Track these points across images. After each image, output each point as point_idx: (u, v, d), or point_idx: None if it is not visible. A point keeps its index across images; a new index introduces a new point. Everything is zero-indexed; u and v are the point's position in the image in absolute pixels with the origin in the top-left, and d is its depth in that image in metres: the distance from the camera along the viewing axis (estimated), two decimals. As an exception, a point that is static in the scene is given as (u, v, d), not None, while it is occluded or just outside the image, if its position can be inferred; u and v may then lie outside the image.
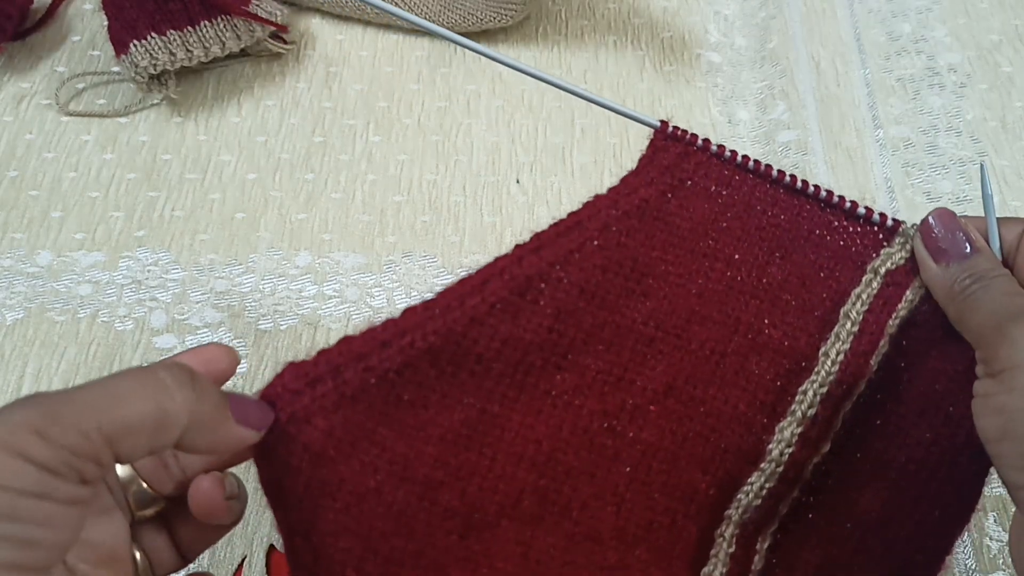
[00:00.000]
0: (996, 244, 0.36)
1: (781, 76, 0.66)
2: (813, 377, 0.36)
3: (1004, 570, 0.47)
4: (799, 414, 0.36)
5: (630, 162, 0.65)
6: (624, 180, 0.37)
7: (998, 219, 0.37)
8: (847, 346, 0.36)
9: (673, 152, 0.38)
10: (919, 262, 0.37)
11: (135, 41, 0.60)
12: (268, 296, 0.55)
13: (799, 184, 0.38)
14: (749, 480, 0.36)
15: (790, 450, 0.36)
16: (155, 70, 0.60)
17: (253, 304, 0.55)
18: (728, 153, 0.38)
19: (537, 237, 0.35)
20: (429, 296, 0.33)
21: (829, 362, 0.36)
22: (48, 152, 0.61)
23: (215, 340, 0.53)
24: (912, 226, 0.38)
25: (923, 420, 0.36)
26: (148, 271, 0.56)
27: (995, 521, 0.49)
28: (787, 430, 0.36)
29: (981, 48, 0.69)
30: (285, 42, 0.66)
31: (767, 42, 0.68)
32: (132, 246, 0.57)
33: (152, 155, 0.61)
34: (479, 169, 0.61)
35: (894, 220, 0.38)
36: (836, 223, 0.38)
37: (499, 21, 0.66)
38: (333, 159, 0.62)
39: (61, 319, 0.54)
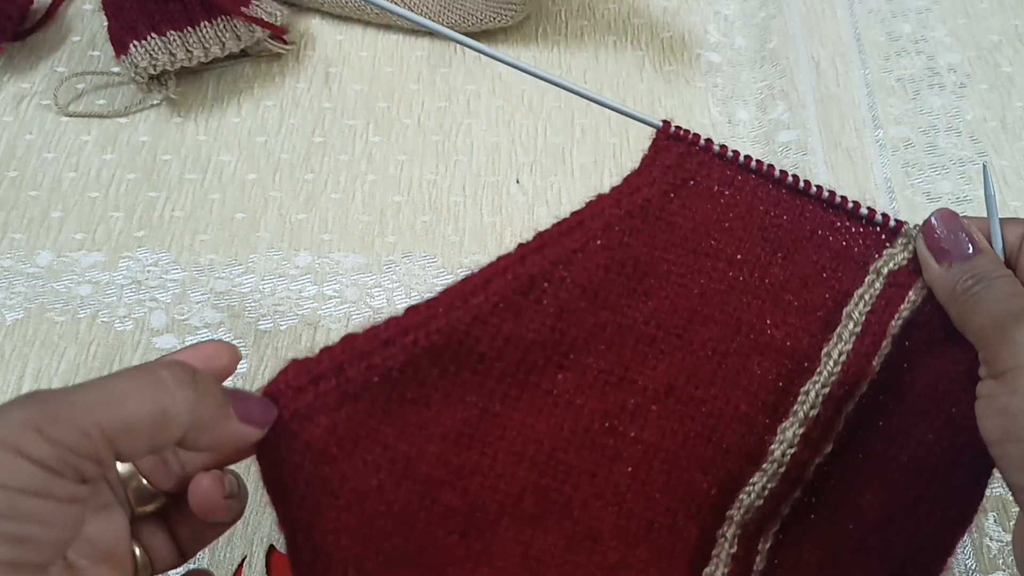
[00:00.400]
0: (999, 245, 0.36)
1: (781, 76, 0.66)
2: (815, 378, 0.36)
3: (1004, 570, 0.47)
4: (801, 414, 0.36)
5: (630, 162, 0.65)
6: (627, 180, 0.37)
7: (1000, 219, 0.37)
8: (849, 346, 0.36)
9: (675, 152, 0.38)
10: (921, 262, 0.37)
11: (135, 41, 0.60)
12: (268, 296, 0.55)
13: (801, 184, 0.38)
14: (751, 480, 0.36)
15: (792, 450, 0.36)
16: (155, 70, 0.60)
17: (253, 304, 0.55)
18: (730, 153, 0.38)
19: (540, 236, 0.35)
20: (431, 295, 0.33)
21: (831, 362, 0.36)
22: (48, 152, 0.61)
23: (215, 340, 0.53)
24: (914, 227, 0.37)
25: (925, 421, 0.36)
26: (148, 271, 0.56)
27: (995, 521, 0.49)
28: (789, 430, 0.36)
29: (981, 48, 0.69)
30: (285, 42, 0.66)
31: (767, 42, 0.68)
32: (132, 246, 0.57)
33: (152, 155, 0.61)
34: (479, 169, 0.61)
35: (896, 221, 0.38)
36: (838, 223, 0.38)
37: (499, 21, 0.66)
38: (333, 159, 0.62)
39: (61, 319, 0.54)
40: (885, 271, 0.37)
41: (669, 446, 0.35)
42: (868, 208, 0.38)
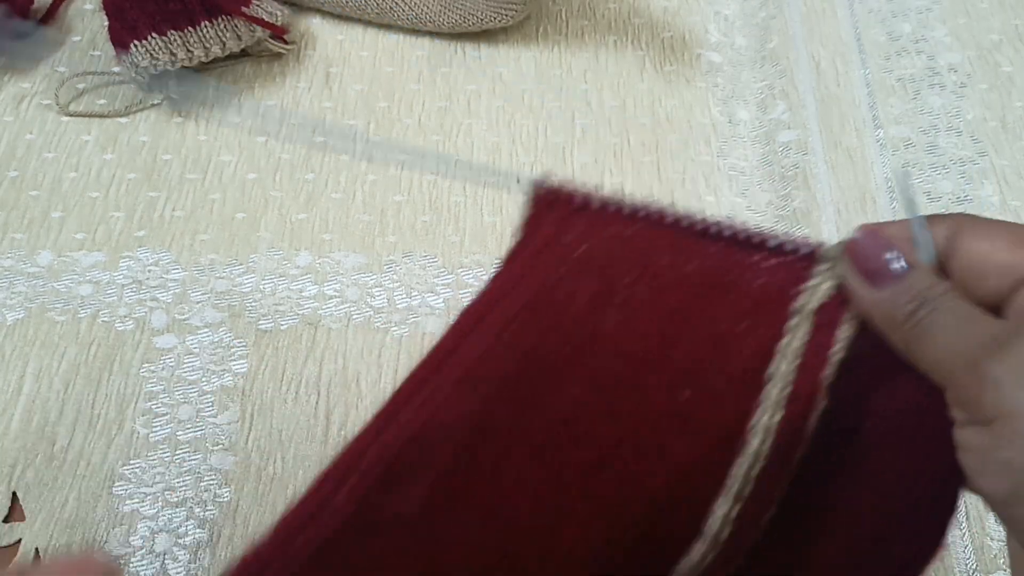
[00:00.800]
0: (929, 253, 0.32)
1: (781, 76, 0.66)
2: (742, 458, 0.31)
3: (1005, 570, 0.47)
4: (734, 493, 0.32)
5: (630, 163, 0.65)
6: (507, 264, 0.32)
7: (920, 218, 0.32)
8: (779, 415, 0.31)
9: (555, 216, 0.32)
10: (850, 289, 0.31)
11: (135, 41, 0.60)
12: (268, 296, 0.55)
13: (703, 225, 0.32)
14: (686, 557, 0.32)
15: (728, 529, 0.32)
16: (155, 70, 0.60)
17: (253, 304, 0.55)
18: (615, 205, 0.32)
19: (402, 392, 0.30)
20: (265, 534, 0.29)
21: (760, 436, 0.31)
22: (48, 152, 0.61)
23: (215, 340, 0.53)
24: (835, 246, 0.32)
25: (881, 465, 0.32)
26: (148, 271, 0.56)
27: (996, 521, 0.49)
28: (721, 510, 0.31)
29: (981, 48, 0.69)
30: (285, 42, 0.66)
31: (767, 42, 0.68)
32: (132, 246, 0.57)
33: (152, 155, 0.61)
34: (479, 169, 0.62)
35: (812, 245, 0.32)
36: (751, 260, 0.32)
37: (499, 21, 0.66)
38: (333, 159, 0.62)
39: (61, 319, 0.54)
40: (809, 310, 0.31)
41: (586, 552, 0.31)
42: (779, 237, 0.32)
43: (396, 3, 0.66)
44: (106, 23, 0.63)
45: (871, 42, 0.69)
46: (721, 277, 0.32)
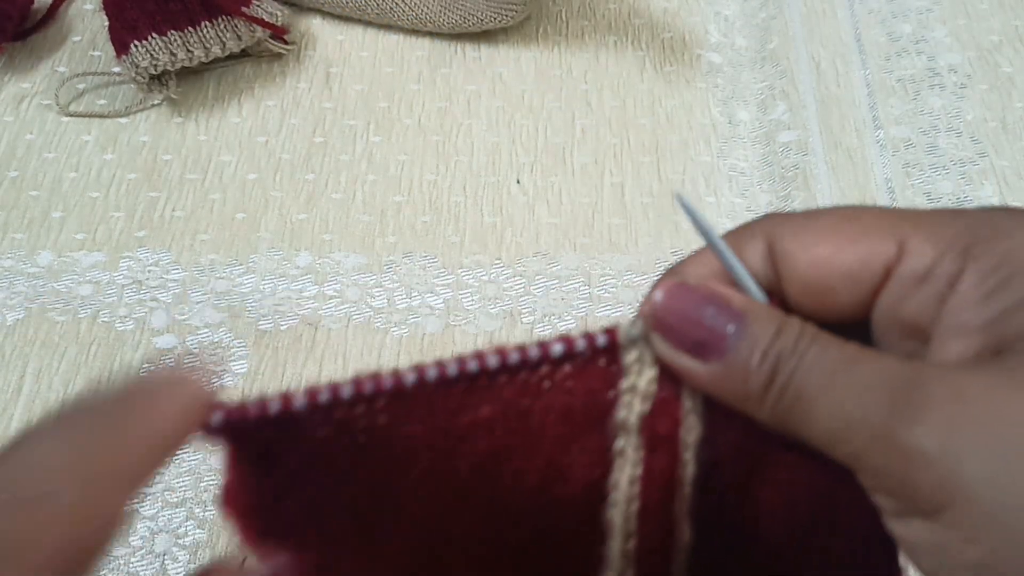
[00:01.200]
0: (751, 286, 0.24)
1: (781, 76, 0.66)
2: None
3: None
4: None
5: (630, 163, 0.65)
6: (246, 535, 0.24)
7: (724, 241, 0.25)
8: (630, 572, 0.25)
9: (253, 451, 0.23)
10: (677, 371, 0.23)
11: (136, 41, 0.60)
12: (268, 296, 0.55)
13: (457, 368, 0.23)
14: None
15: None
16: (156, 70, 0.60)
17: (253, 304, 0.55)
18: (326, 394, 0.23)
19: None
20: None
21: None
22: (48, 152, 0.61)
23: (215, 340, 0.53)
24: (635, 324, 0.24)
25: (798, 565, 0.26)
26: (149, 271, 0.56)
27: None
28: None
29: (981, 48, 0.69)
30: (286, 43, 0.66)
31: (767, 42, 0.68)
32: (133, 246, 0.57)
33: (153, 155, 0.61)
34: (479, 169, 0.61)
35: (606, 332, 0.24)
36: (539, 378, 0.23)
37: (499, 21, 0.66)
38: (333, 159, 0.62)
39: (62, 319, 0.54)
40: (633, 421, 0.24)
41: None
42: (560, 338, 0.23)
43: (396, 3, 0.66)
44: (106, 23, 0.63)
45: (871, 42, 0.69)
46: (511, 421, 0.23)
